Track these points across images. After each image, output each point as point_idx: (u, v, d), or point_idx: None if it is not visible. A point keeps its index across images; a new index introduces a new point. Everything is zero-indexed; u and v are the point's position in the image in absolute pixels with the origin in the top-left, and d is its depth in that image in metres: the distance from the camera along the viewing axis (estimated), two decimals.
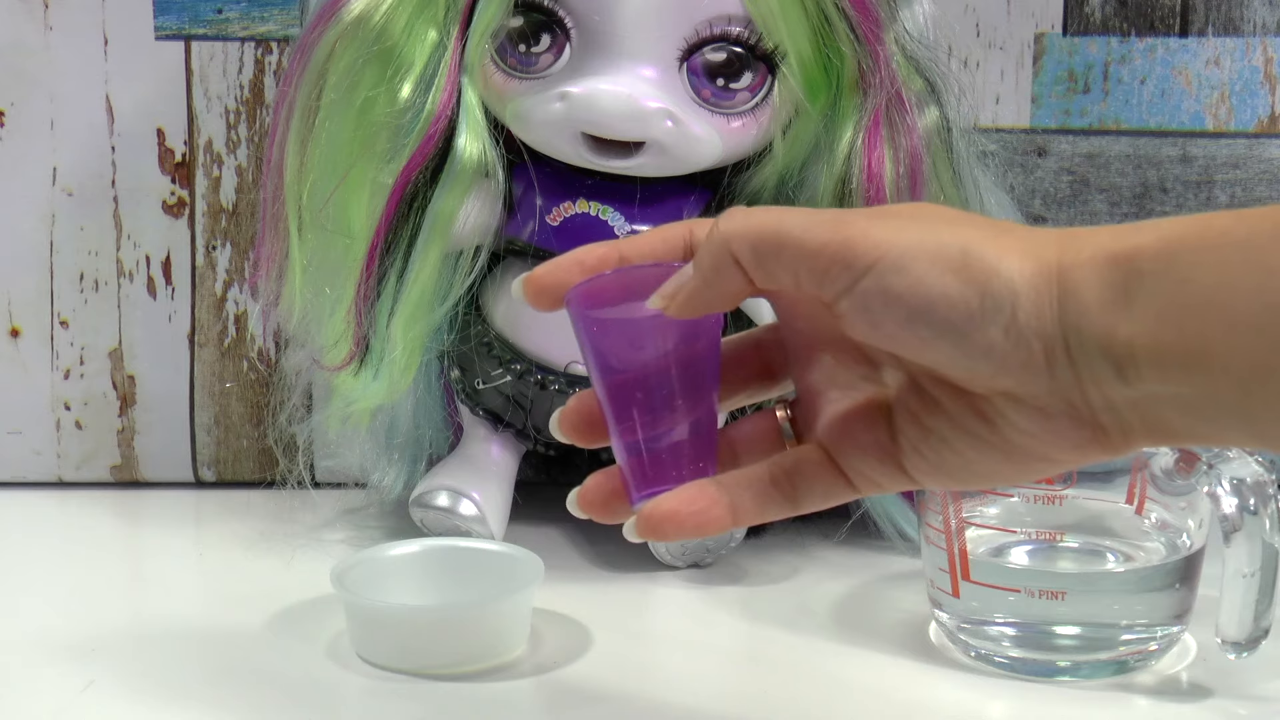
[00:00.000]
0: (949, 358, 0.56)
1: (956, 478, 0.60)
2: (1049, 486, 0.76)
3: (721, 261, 0.59)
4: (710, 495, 0.61)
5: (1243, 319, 0.52)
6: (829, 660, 0.79)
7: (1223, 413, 0.54)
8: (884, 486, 0.61)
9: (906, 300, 0.56)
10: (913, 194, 0.83)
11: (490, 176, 0.85)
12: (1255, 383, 0.52)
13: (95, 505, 0.99)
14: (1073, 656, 0.75)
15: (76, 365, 1.00)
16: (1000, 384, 0.56)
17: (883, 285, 0.56)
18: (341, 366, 0.87)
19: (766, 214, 0.59)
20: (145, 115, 0.97)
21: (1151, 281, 0.54)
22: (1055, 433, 0.57)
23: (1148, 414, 0.55)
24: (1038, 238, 0.56)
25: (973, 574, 0.75)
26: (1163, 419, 0.55)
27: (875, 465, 0.61)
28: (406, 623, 0.77)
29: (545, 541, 0.90)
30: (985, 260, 0.55)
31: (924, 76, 0.84)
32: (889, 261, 0.56)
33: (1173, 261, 0.53)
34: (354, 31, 0.83)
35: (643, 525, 0.61)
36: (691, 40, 0.82)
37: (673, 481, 0.62)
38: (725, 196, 0.87)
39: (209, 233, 0.99)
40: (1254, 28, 0.95)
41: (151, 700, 0.75)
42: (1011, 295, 0.55)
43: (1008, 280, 0.55)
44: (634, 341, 0.62)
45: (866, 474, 0.61)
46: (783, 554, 0.90)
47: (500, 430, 0.91)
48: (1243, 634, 0.73)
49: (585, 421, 0.64)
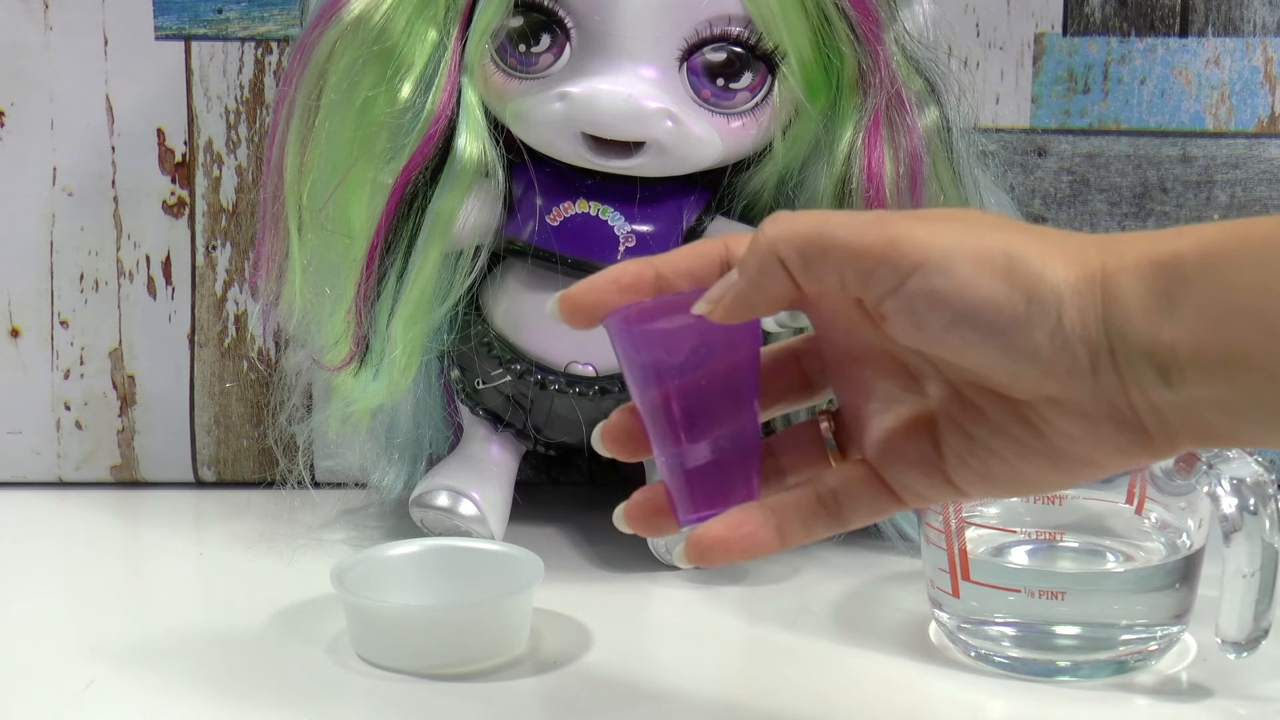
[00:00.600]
0: (994, 361, 0.56)
1: (1004, 487, 0.60)
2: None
3: (767, 265, 0.59)
4: (757, 519, 0.62)
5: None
6: (829, 660, 0.79)
7: (1266, 415, 0.54)
8: (930, 499, 0.62)
9: (953, 302, 0.56)
10: (913, 194, 0.83)
11: (490, 176, 0.85)
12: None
13: (95, 505, 0.99)
14: (1073, 656, 0.75)
15: (76, 365, 1.00)
16: (1045, 389, 0.56)
17: (929, 287, 0.56)
18: (341, 366, 0.87)
19: (811, 217, 0.59)
20: (145, 115, 0.97)
21: (1194, 287, 0.54)
22: (1100, 437, 0.57)
23: (1191, 417, 0.55)
24: (1078, 243, 0.57)
25: (973, 574, 0.75)
26: (1206, 421, 0.55)
27: (921, 478, 0.61)
28: (406, 623, 0.77)
29: (545, 541, 0.90)
30: (1030, 265, 0.56)
31: (924, 76, 0.84)
32: (934, 263, 0.56)
33: (1214, 267, 0.54)
34: (354, 31, 0.83)
35: (692, 552, 0.62)
36: (691, 40, 0.82)
37: (719, 504, 0.63)
38: (725, 196, 0.87)
39: (209, 233, 0.99)
40: (1254, 28, 0.95)
41: (151, 700, 0.75)
42: (1057, 300, 0.55)
43: (1053, 285, 0.55)
44: (675, 353, 0.62)
45: (913, 487, 0.61)
46: (783, 554, 0.90)
47: (500, 430, 0.91)
48: (1243, 634, 0.73)
49: (627, 435, 0.64)
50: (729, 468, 0.63)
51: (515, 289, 0.87)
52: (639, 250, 0.85)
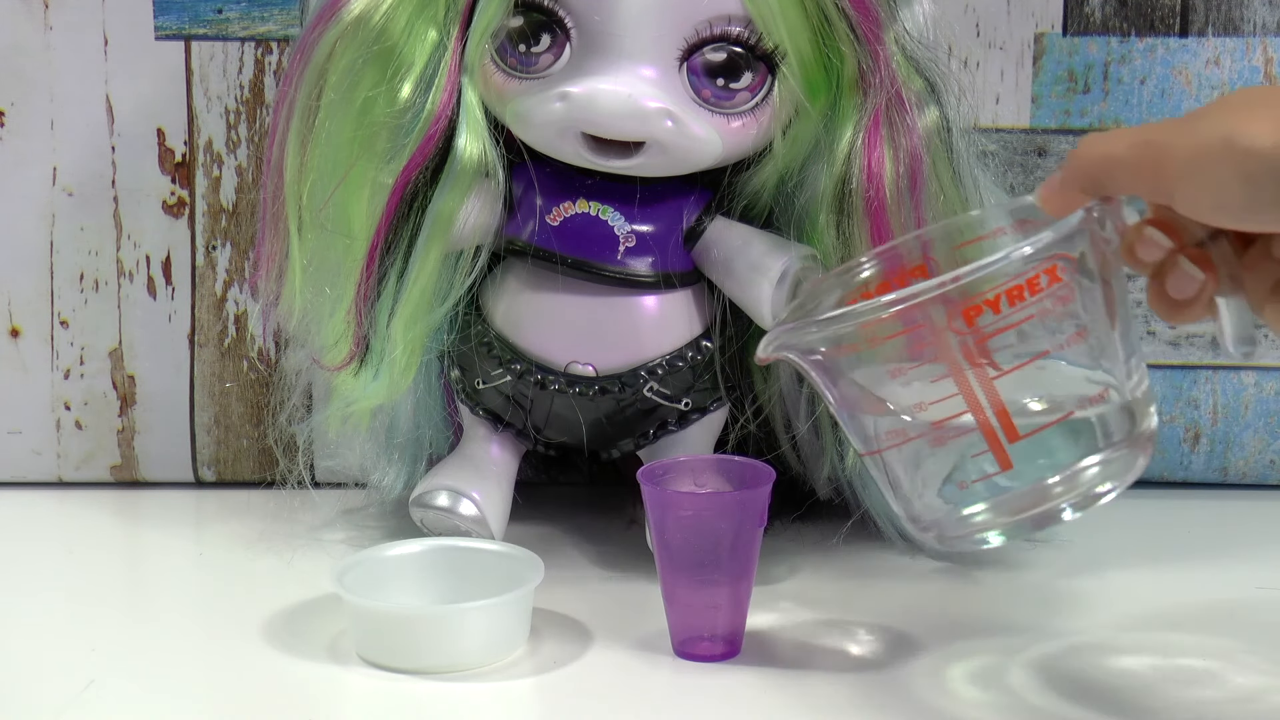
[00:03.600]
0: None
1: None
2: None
3: (1069, 185, 0.69)
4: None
5: None
6: (829, 660, 0.79)
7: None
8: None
9: (1208, 206, 0.65)
10: (913, 194, 0.83)
11: (490, 176, 0.85)
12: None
13: (95, 505, 0.99)
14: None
15: (76, 365, 1.00)
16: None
17: (1189, 200, 0.65)
18: (341, 366, 0.87)
19: (1104, 144, 0.68)
20: (145, 115, 0.97)
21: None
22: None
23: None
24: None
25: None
26: None
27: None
28: (406, 623, 0.77)
29: (545, 541, 0.90)
30: (1248, 146, 0.63)
31: (924, 76, 0.84)
32: (1188, 176, 0.64)
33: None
34: (354, 31, 0.83)
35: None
36: (691, 40, 0.82)
37: (705, 646, 0.78)
38: (725, 196, 0.87)
39: (209, 233, 0.99)
40: (1254, 28, 0.95)
41: (151, 700, 0.75)
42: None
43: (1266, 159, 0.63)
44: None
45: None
46: (783, 554, 0.90)
47: (500, 430, 0.91)
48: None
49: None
50: (720, 619, 0.78)
51: (515, 289, 0.87)
52: (639, 250, 0.85)
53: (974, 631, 0.81)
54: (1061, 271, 0.69)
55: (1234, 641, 0.81)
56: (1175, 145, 0.65)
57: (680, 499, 0.78)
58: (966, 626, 0.82)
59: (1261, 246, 0.68)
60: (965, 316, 0.69)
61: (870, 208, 0.83)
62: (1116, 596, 0.86)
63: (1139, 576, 0.88)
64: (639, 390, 0.86)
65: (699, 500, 0.78)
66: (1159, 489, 1.01)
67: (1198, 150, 0.64)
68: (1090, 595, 0.86)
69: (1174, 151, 0.65)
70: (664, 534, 0.77)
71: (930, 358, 0.70)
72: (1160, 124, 0.68)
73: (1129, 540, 0.93)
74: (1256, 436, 0.99)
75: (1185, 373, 0.99)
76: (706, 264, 0.86)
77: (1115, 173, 0.67)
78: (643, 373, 0.86)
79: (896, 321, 0.68)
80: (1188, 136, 0.65)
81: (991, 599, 0.85)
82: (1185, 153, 0.65)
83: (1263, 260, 0.68)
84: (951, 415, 0.70)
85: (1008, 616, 0.83)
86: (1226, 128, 0.63)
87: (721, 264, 0.86)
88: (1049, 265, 0.69)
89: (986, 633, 0.81)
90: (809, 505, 0.92)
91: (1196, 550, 0.92)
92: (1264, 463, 1.00)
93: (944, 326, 0.69)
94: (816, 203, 0.84)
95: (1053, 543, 0.91)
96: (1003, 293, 0.69)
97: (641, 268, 0.85)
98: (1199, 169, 0.64)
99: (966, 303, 0.68)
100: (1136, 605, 0.85)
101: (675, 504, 0.77)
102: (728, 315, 0.87)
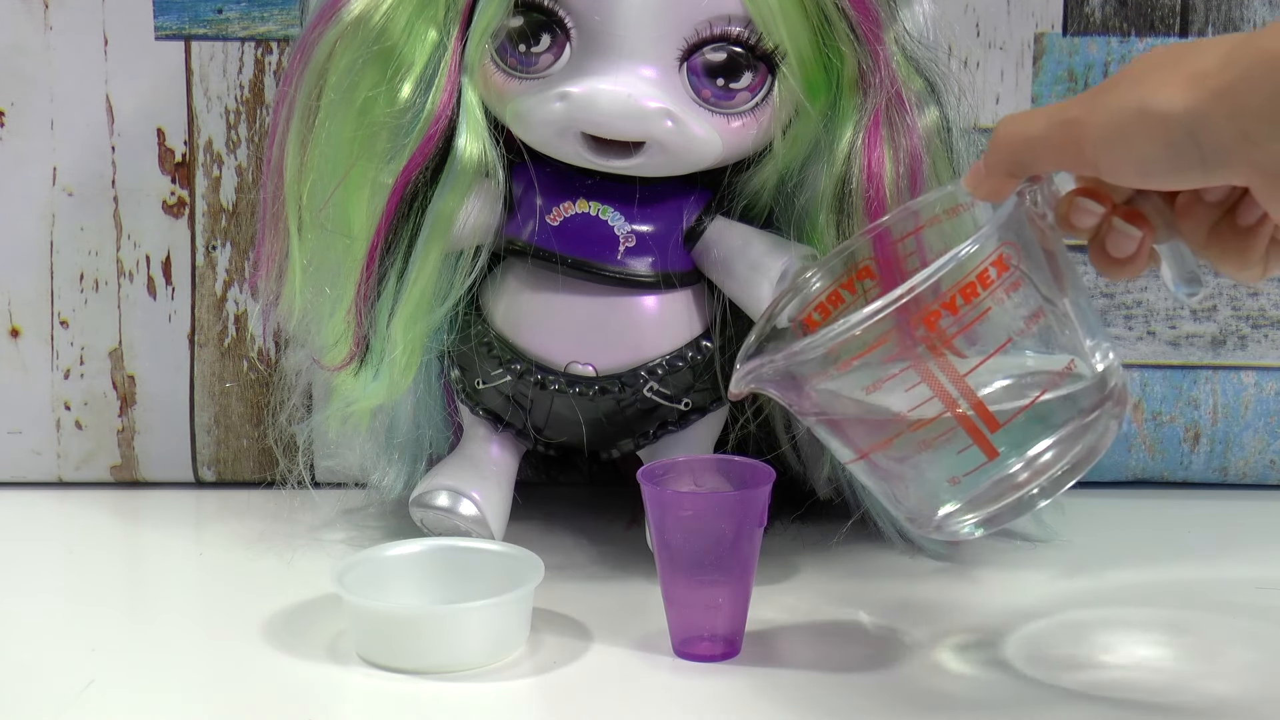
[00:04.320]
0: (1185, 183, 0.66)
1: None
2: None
3: (994, 169, 0.70)
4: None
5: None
6: (829, 660, 0.79)
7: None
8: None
9: (1128, 169, 0.66)
10: (913, 194, 0.83)
11: (490, 176, 0.85)
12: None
13: (95, 505, 0.99)
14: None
15: (76, 365, 1.00)
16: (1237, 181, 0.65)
17: (1109, 165, 0.66)
18: (341, 366, 0.87)
19: (1016, 125, 0.69)
20: (145, 115, 0.97)
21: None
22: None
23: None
24: (1197, 63, 0.64)
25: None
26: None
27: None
28: (406, 623, 0.77)
29: (545, 541, 0.90)
30: (1160, 111, 0.64)
31: (924, 76, 0.84)
32: (1104, 144, 0.66)
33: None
34: (354, 31, 0.83)
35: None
36: (691, 40, 0.82)
37: (705, 646, 0.78)
38: (725, 196, 0.87)
39: (209, 233, 0.99)
40: (1254, 27, 0.95)
41: (151, 700, 0.75)
42: (1190, 133, 0.63)
43: (1181, 121, 0.63)
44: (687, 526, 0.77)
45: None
46: (783, 554, 0.90)
47: (500, 430, 0.91)
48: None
49: None
50: (721, 620, 0.78)
51: (515, 289, 0.87)
52: (639, 250, 0.85)
53: (974, 631, 0.81)
54: (1008, 260, 0.71)
55: (1234, 641, 0.81)
56: (1091, 120, 0.66)
57: (680, 499, 0.78)
58: (966, 626, 0.82)
59: (1190, 194, 0.69)
60: (927, 323, 0.70)
61: (870, 208, 0.83)
62: (1116, 596, 0.86)
63: (1139, 576, 0.88)
64: (639, 390, 0.86)
65: (699, 500, 0.78)
66: (1159, 489, 1.01)
67: (1113, 122, 0.65)
68: (1090, 595, 0.86)
69: (1091, 126, 0.66)
70: (664, 534, 0.77)
71: (900, 367, 0.71)
72: (1075, 100, 0.68)
73: (1129, 540, 0.93)
74: (1256, 436, 0.99)
75: (1185, 373, 0.99)
76: (706, 264, 0.86)
77: (1037, 153, 0.69)
78: (643, 373, 0.86)
79: (861, 340, 0.70)
80: (1102, 110, 0.66)
81: (991, 599, 0.85)
82: (1102, 126, 0.66)
83: (1194, 206, 0.69)
84: (932, 416, 0.71)
85: (1007, 616, 0.83)
86: (1138, 96, 0.64)
87: (721, 264, 0.86)
88: (995, 257, 0.70)
89: (986, 633, 0.81)
90: (809, 505, 0.92)
91: (1196, 550, 0.92)
92: (1264, 463, 1.00)
93: (908, 335, 0.70)
94: (816, 203, 0.84)
95: (1053, 543, 0.91)
96: (957, 293, 0.70)
97: (641, 268, 0.85)
98: (1118, 140, 0.65)
99: (924, 310, 0.70)
100: (1136, 605, 0.85)
101: (675, 504, 0.77)
102: (728, 315, 0.87)
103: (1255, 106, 0.62)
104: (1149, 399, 0.99)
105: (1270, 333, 0.98)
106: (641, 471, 0.78)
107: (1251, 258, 0.69)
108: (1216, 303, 0.98)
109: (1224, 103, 0.62)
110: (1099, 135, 0.66)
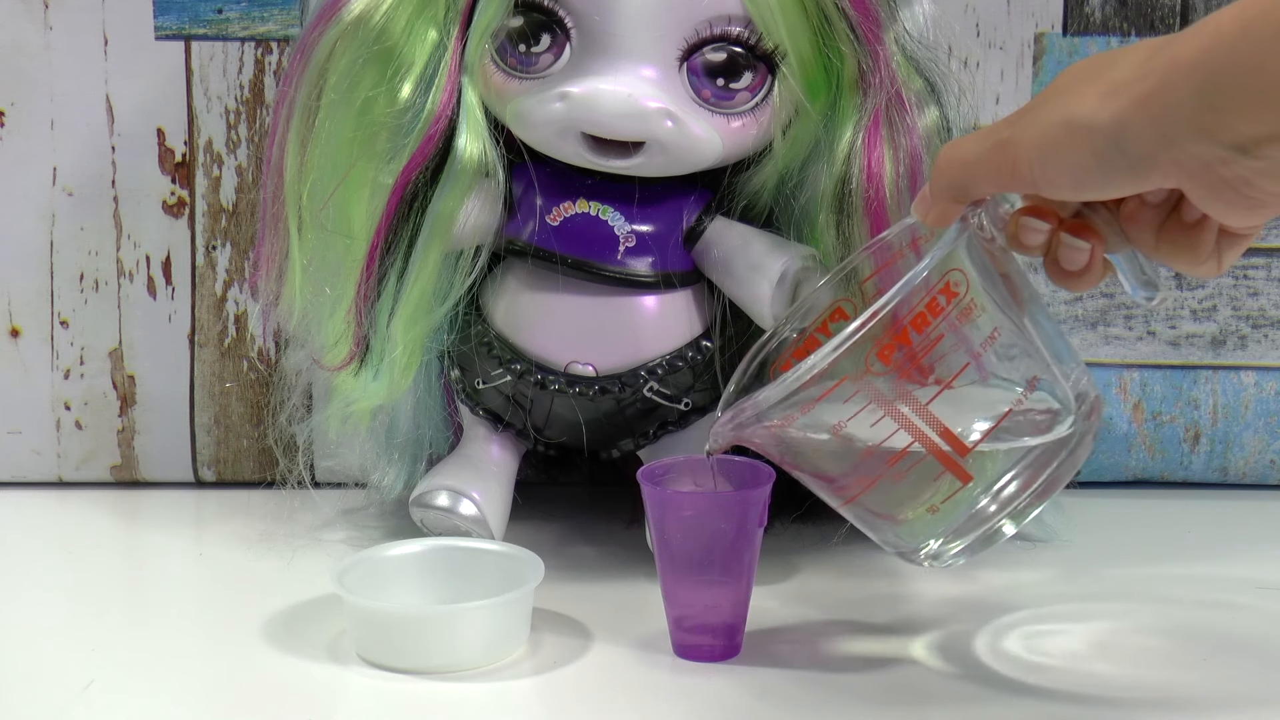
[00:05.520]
0: (1122, 190, 0.66)
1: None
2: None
3: (938, 196, 0.71)
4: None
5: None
6: (828, 660, 0.79)
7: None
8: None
9: (1061, 181, 0.66)
10: (912, 194, 0.83)
11: (490, 176, 0.85)
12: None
13: (95, 505, 0.99)
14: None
15: (76, 365, 1.00)
16: (1169, 184, 0.65)
17: (1043, 181, 0.67)
18: (341, 366, 0.87)
19: (951, 152, 0.70)
20: (145, 115, 0.97)
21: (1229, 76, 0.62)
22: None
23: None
24: (1116, 73, 0.64)
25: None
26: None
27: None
28: (406, 623, 0.77)
29: (545, 541, 0.91)
30: (1085, 124, 0.64)
31: (924, 76, 0.84)
32: (1034, 163, 0.66)
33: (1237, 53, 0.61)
34: (354, 31, 0.83)
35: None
36: (691, 40, 0.82)
37: (705, 646, 0.78)
38: (725, 196, 0.87)
39: (209, 233, 0.99)
40: None
41: (151, 700, 0.75)
42: (1115, 141, 0.63)
43: (1105, 130, 0.64)
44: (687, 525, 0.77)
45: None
46: (783, 554, 0.90)
47: (500, 430, 0.91)
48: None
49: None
50: (720, 621, 0.78)
51: (515, 289, 0.87)
52: (639, 250, 0.85)
53: (973, 631, 0.81)
54: (956, 286, 0.72)
55: (1234, 641, 0.81)
56: (1022, 138, 0.67)
57: (680, 499, 0.78)
58: (966, 627, 0.82)
59: (1134, 199, 0.69)
60: (881, 357, 0.71)
61: (870, 208, 0.83)
62: (1116, 596, 0.86)
63: (1139, 576, 0.88)
64: (639, 390, 0.86)
65: (699, 500, 0.78)
66: (1159, 489, 1.01)
67: (1043, 140, 0.66)
68: (1090, 595, 0.86)
69: (1022, 145, 0.67)
70: (664, 534, 0.77)
71: (862, 403, 0.72)
72: (1006, 120, 0.69)
73: (1129, 540, 0.93)
74: (1256, 436, 0.99)
75: (1185, 373, 0.99)
76: (706, 264, 0.86)
77: (976, 176, 0.70)
78: (643, 373, 0.86)
79: (818, 385, 0.70)
80: (1031, 128, 0.67)
81: (991, 599, 0.85)
82: (1033, 145, 0.66)
83: (1139, 211, 0.69)
84: (902, 449, 0.72)
85: (1008, 616, 0.83)
86: (1064, 111, 0.65)
87: (721, 264, 0.86)
88: (942, 284, 0.71)
89: (986, 633, 0.81)
90: (809, 505, 0.92)
91: (1196, 550, 0.92)
92: (1264, 463, 1.00)
93: (864, 372, 0.71)
94: (816, 203, 0.84)
95: (1053, 543, 0.91)
96: (907, 324, 0.71)
97: (641, 268, 0.85)
98: (1050, 157, 0.66)
99: (877, 345, 0.70)
100: (1136, 605, 0.85)
101: (675, 504, 0.77)
102: (728, 315, 0.87)
103: (1173, 111, 0.62)
104: (1149, 399, 0.99)
105: (1270, 333, 0.98)
106: (641, 471, 0.78)
107: (1202, 253, 0.69)
108: (1216, 303, 0.98)
109: (1144, 110, 0.63)
110: (1031, 153, 0.67)
